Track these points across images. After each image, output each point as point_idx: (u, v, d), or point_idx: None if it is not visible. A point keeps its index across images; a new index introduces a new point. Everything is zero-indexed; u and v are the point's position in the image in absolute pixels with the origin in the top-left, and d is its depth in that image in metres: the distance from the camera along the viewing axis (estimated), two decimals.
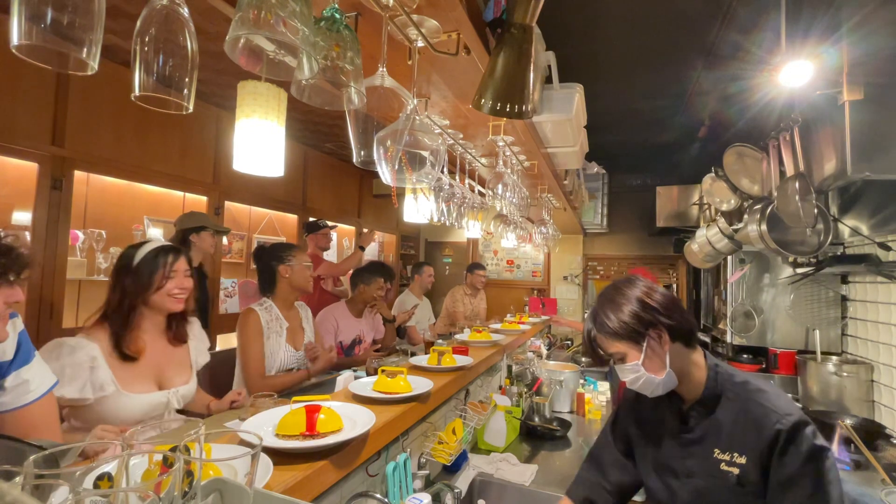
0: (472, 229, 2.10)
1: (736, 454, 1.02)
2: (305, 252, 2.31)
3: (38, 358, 1.17)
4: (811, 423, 0.99)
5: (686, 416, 1.12)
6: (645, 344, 1.06)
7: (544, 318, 4.32)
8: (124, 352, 1.38)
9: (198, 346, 1.63)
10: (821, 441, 0.97)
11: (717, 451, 1.05)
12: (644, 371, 1.07)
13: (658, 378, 1.07)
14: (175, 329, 1.55)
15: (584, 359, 3.50)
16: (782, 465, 0.97)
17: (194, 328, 1.64)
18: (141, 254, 1.44)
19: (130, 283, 1.42)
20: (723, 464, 1.04)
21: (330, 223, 3.56)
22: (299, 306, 2.32)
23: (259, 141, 0.96)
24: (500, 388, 2.37)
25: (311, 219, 3.56)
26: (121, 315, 1.41)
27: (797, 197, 1.98)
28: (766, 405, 1.02)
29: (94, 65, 0.60)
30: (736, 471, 1.02)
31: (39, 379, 1.14)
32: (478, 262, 4.43)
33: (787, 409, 1.01)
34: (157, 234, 2.91)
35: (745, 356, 2.92)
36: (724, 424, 1.06)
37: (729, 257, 3.00)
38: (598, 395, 2.56)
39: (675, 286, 5.13)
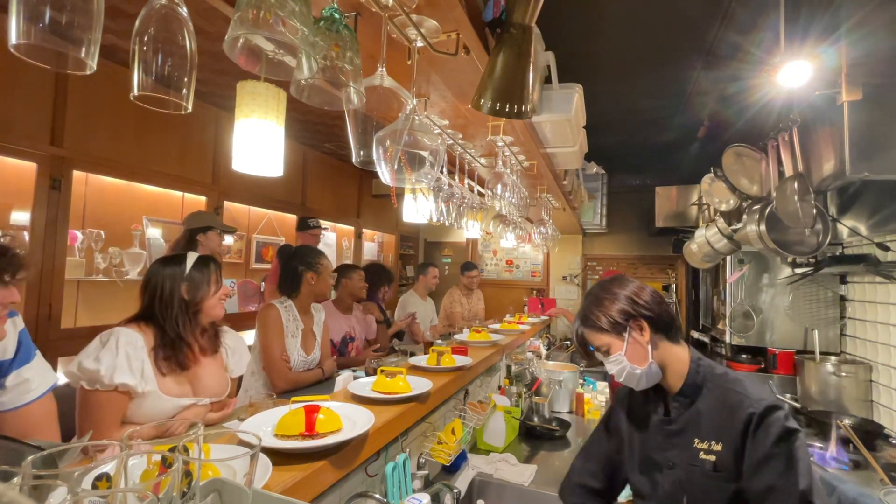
0: (471, 229, 2.10)
1: (713, 442, 1.05)
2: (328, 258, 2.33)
3: (39, 357, 1.17)
4: (783, 408, 1.02)
5: (669, 408, 1.15)
6: (627, 335, 1.11)
7: (544, 318, 4.32)
8: (183, 361, 1.41)
9: (236, 359, 1.63)
10: (792, 424, 1.00)
11: (696, 440, 1.08)
12: (627, 362, 1.11)
13: (640, 369, 1.10)
14: (208, 339, 1.56)
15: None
16: (755, 446, 1.00)
17: (229, 338, 1.65)
18: (190, 262, 1.48)
19: (191, 290, 1.45)
20: (701, 452, 1.07)
21: (322, 223, 3.51)
22: (315, 309, 2.33)
23: (258, 141, 0.96)
24: (500, 388, 2.37)
25: (302, 216, 3.49)
26: (184, 322, 1.43)
27: (796, 197, 1.98)
28: (741, 392, 1.05)
29: (92, 64, 0.60)
30: (713, 458, 1.05)
31: (40, 378, 1.14)
32: (469, 263, 4.41)
33: (760, 395, 1.04)
34: (155, 235, 2.90)
35: (743, 356, 2.92)
36: (703, 414, 1.09)
37: (728, 257, 3.00)
38: (598, 396, 2.56)
39: (674, 286, 5.14)
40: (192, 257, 1.50)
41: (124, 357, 1.29)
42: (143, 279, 1.47)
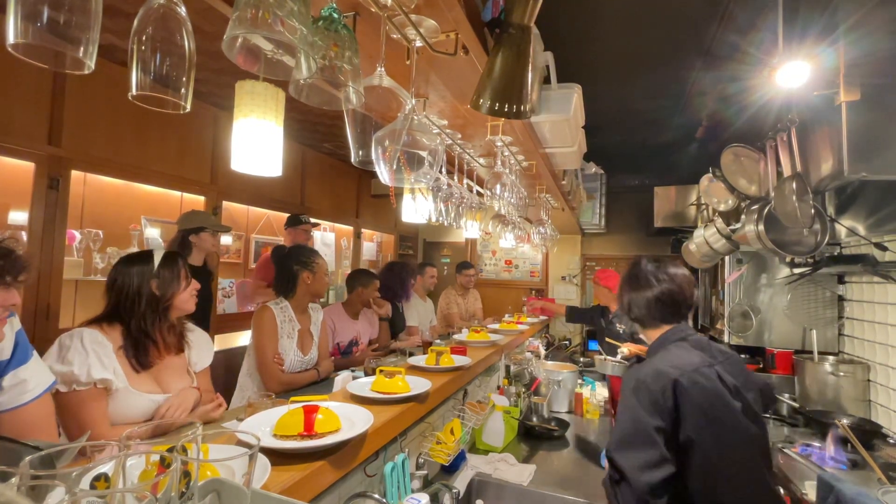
0: (470, 229, 2.10)
1: None
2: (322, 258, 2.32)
3: (36, 357, 1.17)
4: (653, 371, 1.16)
5: None
6: None
7: (542, 318, 4.32)
8: (146, 359, 1.40)
9: (197, 352, 1.62)
10: (643, 376, 1.16)
11: None
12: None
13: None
14: (175, 336, 1.55)
15: (581, 359, 3.50)
16: None
17: (194, 335, 1.64)
18: (157, 258, 1.47)
19: (161, 285, 1.44)
20: None
21: (313, 220, 3.48)
22: (312, 309, 2.33)
23: (257, 141, 0.96)
24: (499, 388, 2.37)
25: (292, 213, 3.45)
26: (154, 318, 1.43)
27: (794, 197, 1.98)
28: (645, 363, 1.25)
29: (90, 64, 0.59)
30: None
31: (37, 378, 1.14)
32: (466, 262, 4.41)
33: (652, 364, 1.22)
34: (154, 234, 2.90)
35: (742, 356, 2.93)
36: None
37: (726, 257, 3.01)
38: (596, 395, 2.57)
39: None
40: (158, 254, 1.49)
41: (94, 355, 1.28)
42: (109, 278, 1.46)
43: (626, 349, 2.70)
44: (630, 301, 1.37)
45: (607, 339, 2.81)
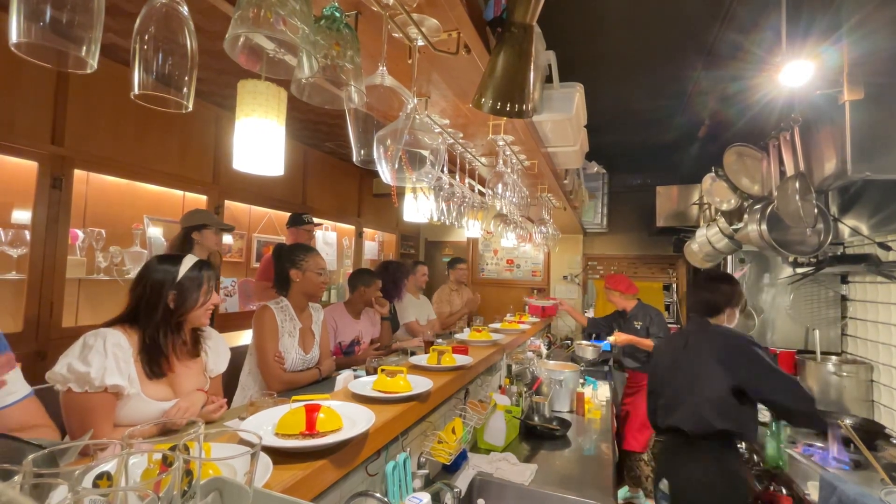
0: (471, 229, 2.10)
1: None
2: (320, 257, 2.28)
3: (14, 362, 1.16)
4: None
5: None
6: None
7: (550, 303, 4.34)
8: (158, 369, 1.39)
9: (214, 359, 1.61)
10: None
11: None
12: None
13: None
14: (190, 345, 1.54)
15: (582, 357, 3.50)
16: None
17: (212, 341, 1.62)
18: (184, 268, 1.44)
19: (178, 298, 1.42)
20: None
21: (316, 220, 3.46)
22: (313, 308, 2.33)
23: (259, 140, 0.96)
24: (500, 387, 2.37)
25: (295, 212, 3.43)
26: (166, 330, 1.41)
27: (797, 197, 1.98)
28: None
29: (93, 63, 0.59)
30: None
31: (20, 382, 1.13)
32: (458, 257, 4.45)
33: None
34: (156, 234, 2.90)
35: None
36: None
37: (729, 257, 3.00)
38: (598, 395, 2.56)
39: (674, 286, 5.14)
40: (189, 261, 1.46)
41: (113, 359, 1.27)
42: (137, 275, 1.44)
43: (614, 337, 3.11)
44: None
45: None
